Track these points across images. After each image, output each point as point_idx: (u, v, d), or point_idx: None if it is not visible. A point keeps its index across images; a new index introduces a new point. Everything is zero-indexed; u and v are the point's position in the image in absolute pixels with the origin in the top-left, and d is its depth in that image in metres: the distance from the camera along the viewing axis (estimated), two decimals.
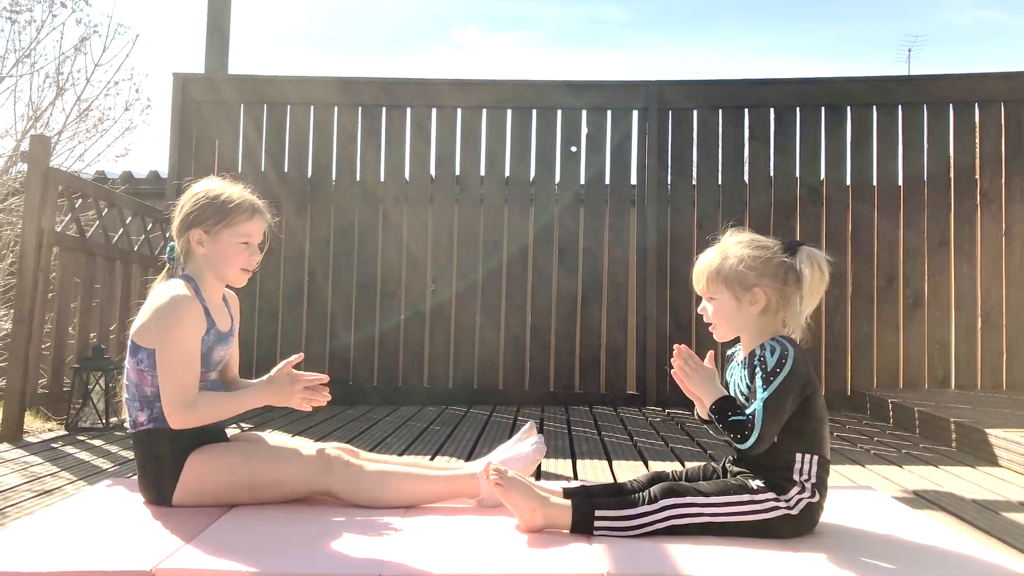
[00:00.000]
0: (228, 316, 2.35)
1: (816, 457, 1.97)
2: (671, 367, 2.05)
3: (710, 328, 2.10)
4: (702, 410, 2.05)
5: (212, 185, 2.29)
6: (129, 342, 2.22)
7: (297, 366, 2.25)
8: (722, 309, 2.04)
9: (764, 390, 1.90)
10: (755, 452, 1.91)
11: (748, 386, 1.99)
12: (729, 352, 2.17)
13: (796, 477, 1.94)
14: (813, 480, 1.96)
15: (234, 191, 2.28)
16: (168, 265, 2.34)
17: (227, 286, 2.37)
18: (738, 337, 2.10)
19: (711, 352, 2.06)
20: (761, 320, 2.02)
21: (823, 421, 1.99)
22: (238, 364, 2.49)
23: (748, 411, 1.91)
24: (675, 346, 2.06)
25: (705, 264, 2.06)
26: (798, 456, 1.95)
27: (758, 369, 1.93)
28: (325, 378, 2.23)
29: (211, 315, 2.24)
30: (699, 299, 2.12)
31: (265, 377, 2.30)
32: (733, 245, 2.05)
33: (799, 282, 1.99)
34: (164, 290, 2.20)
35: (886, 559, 1.82)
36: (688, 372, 1.99)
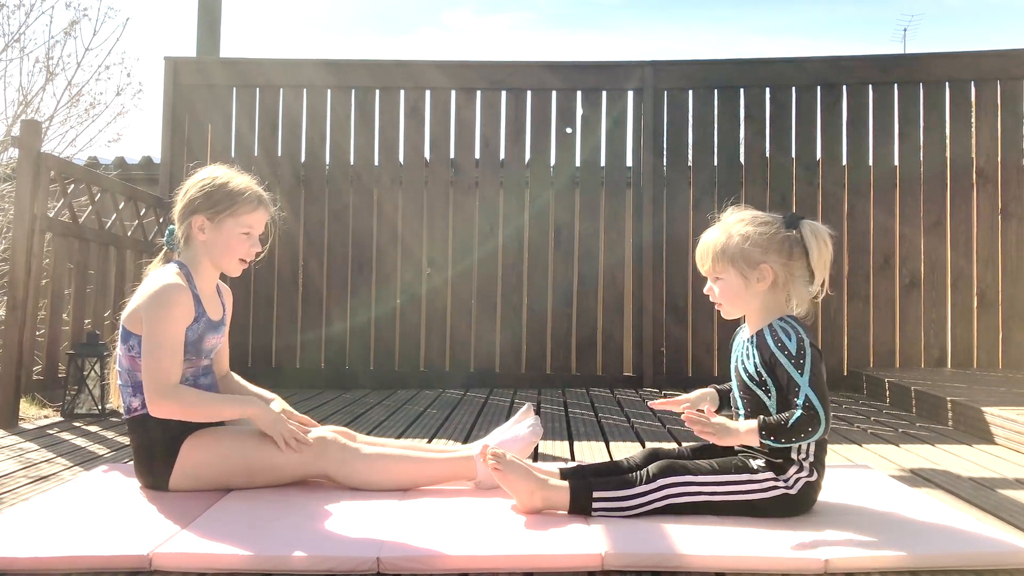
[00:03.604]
0: (220, 305, 2.34)
1: None
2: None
3: (717, 307, 2.09)
4: (744, 442, 1.97)
5: (219, 173, 2.28)
6: (120, 328, 2.21)
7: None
8: (729, 288, 2.03)
9: (802, 375, 1.89)
10: (827, 434, 1.90)
11: (755, 364, 1.98)
12: (736, 333, 2.16)
13: (795, 456, 1.95)
14: (811, 459, 1.96)
15: (240, 181, 2.27)
16: (166, 248, 2.32)
17: (221, 278, 2.36)
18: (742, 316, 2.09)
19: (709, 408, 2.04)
20: (768, 297, 2.01)
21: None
22: (228, 357, 2.47)
23: (799, 402, 1.87)
24: (685, 417, 1.99)
25: (710, 244, 2.05)
26: None
27: (780, 356, 1.92)
28: (313, 423, 2.28)
29: (202, 303, 2.23)
30: (697, 279, 2.12)
31: (265, 395, 2.31)
32: (735, 223, 2.03)
33: (804, 256, 1.98)
34: (157, 276, 2.20)
35: (884, 537, 1.82)
36: (715, 437, 1.95)
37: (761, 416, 1.93)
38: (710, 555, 1.71)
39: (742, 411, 2.05)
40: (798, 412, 1.87)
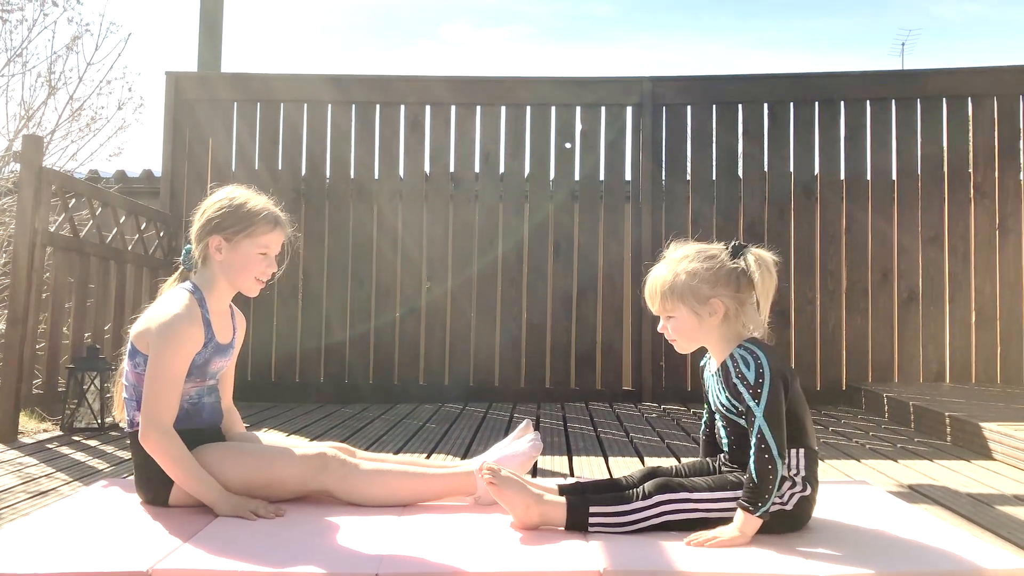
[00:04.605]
0: (231, 328, 2.34)
1: (802, 450, 1.97)
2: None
3: (671, 343, 2.09)
4: (754, 527, 1.90)
5: (236, 193, 2.29)
6: (129, 344, 2.22)
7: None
8: (683, 325, 2.03)
9: (758, 404, 1.89)
10: (785, 460, 1.90)
11: (727, 398, 1.98)
12: (702, 363, 2.16)
13: (785, 472, 1.94)
14: (803, 473, 1.96)
15: (258, 201, 2.29)
16: (182, 267, 2.34)
17: (232, 304, 2.37)
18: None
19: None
20: (723, 328, 2.01)
21: (803, 412, 1.99)
22: (232, 387, 2.45)
23: (753, 438, 1.88)
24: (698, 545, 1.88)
25: (657, 283, 2.04)
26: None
27: (741, 386, 1.92)
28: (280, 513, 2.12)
29: (212, 326, 2.24)
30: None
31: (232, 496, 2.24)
32: (681, 260, 2.02)
33: (751, 285, 1.99)
34: (169, 301, 2.20)
35: (881, 553, 1.83)
36: (739, 541, 1.88)
37: (737, 501, 1.90)
38: (708, 571, 1.71)
39: (726, 440, 2.05)
40: (751, 459, 1.87)
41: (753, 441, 1.88)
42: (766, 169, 5.69)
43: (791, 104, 5.70)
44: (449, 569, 1.73)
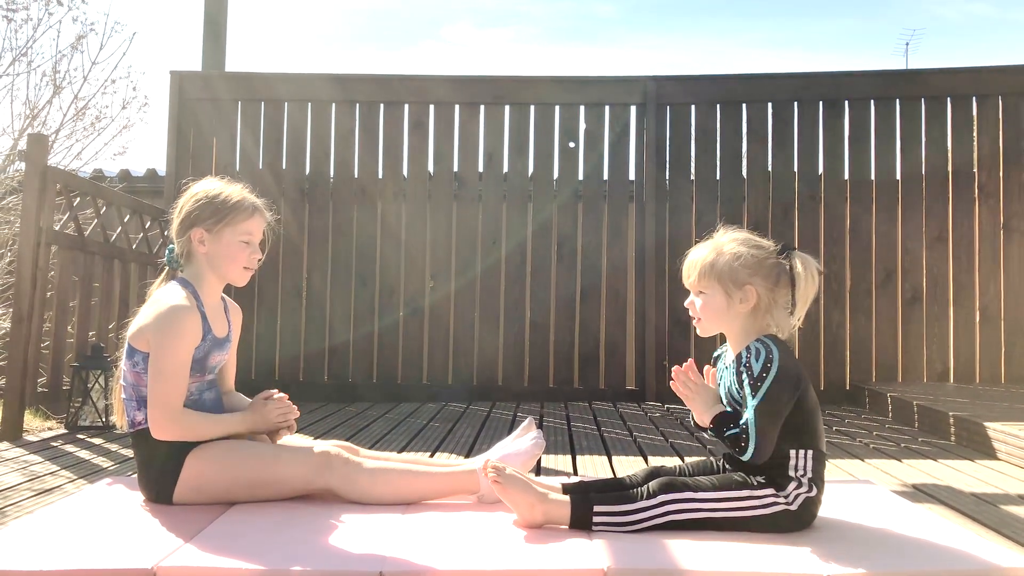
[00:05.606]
0: (226, 321, 2.35)
1: (811, 452, 1.96)
2: (671, 378, 2.07)
3: (694, 322, 2.10)
4: (699, 419, 2.07)
5: (211, 185, 2.30)
6: (126, 345, 2.22)
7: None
8: (711, 304, 2.03)
9: (753, 397, 1.90)
10: (758, 461, 1.90)
11: (738, 390, 1.98)
12: (716, 353, 2.16)
13: (792, 473, 1.94)
14: (809, 475, 1.96)
15: (233, 190, 2.29)
16: (167, 267, 2.34)
17: (225, 296, 2.37)
18: (723, 336, 2.09)
19: (710, 368, 2.11)
20: (748, 320, 2.01)
21: (815, 415, 1.99)
22: (234, 375, 2.48)
23: (741, 421, 1.91)
24: (675, 369, 2.07)
25: (699, 258, 2.05)
26: (792, 452, 1.94)
27: (745, 375, 1.93)
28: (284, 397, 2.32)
29: (208, 320, 2.24)
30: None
31: (248, 407, 2.32)
32: (728, 242, 2.04)
33: (789, 285, 1.99)
34: (163, 296, 2.20)
35: (885, 553, 1.83)
36: (690, 393, 2.03)
37: (724, 411, 1.99)
38: (712, 571, 1.71)
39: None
40: (736, 430, 1.93)
41: (741, 422, 1.92)
42: (770, 169, 5.69)
43: (795, 104, 5.69)
44: (453, 568, 1.73)
